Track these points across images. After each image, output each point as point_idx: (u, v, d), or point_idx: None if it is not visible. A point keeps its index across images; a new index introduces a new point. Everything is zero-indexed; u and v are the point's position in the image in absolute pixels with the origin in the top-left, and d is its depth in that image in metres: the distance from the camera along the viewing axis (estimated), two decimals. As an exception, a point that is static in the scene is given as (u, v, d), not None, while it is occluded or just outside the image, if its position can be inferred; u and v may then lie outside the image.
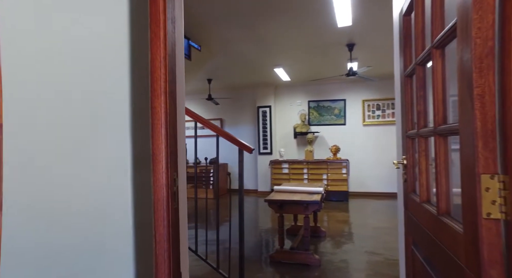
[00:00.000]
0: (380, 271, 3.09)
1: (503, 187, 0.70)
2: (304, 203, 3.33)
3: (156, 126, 0.85)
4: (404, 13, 1.42)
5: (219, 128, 2.16)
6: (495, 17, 0.72)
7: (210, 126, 2.14)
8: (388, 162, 7.09)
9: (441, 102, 0.98)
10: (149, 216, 0.85)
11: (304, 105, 7.93)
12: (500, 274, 0.71)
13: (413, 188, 1.39)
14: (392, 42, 4.48)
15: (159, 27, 0.85)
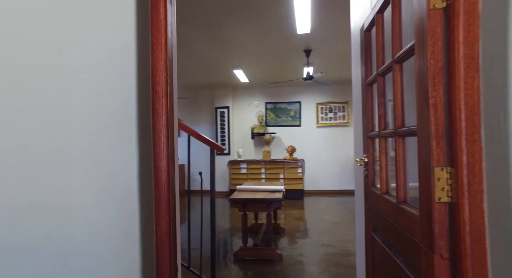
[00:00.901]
0: (337, 261, 3.36)
1: (450, 177, 0.89)
2: (267, 201, 3.48)
3: (157, 126, 0.90)
4: (365, 29, 1.62)
5: (190, 128, 2.19)
6: (443, 44, 0.90)
7: (182, 126, 2.16)
8: (340, 162, 7.62)
9: (400, 108, 1.17)
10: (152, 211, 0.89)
11: (261, 107, 8.13)
12: (445, 244, 0.90)
13: (373, 182, 1.59)
14: (345, 50, 4.86)
15: (160, 33, 0.90)
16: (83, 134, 0.88)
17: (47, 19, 0.88)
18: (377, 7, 1.41)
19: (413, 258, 1.07)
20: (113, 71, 0.88)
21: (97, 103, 0.89)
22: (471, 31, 0.82)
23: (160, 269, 0.88)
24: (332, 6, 3.41)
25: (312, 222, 5.08)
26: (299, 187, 7.12)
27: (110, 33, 0.88)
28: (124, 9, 0.88)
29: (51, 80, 0.88)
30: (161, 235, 0.90)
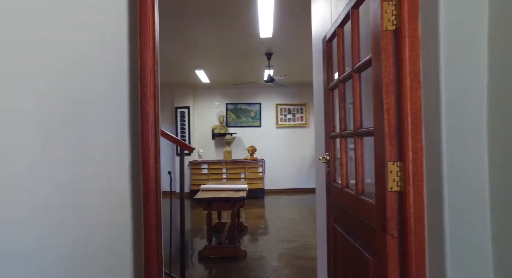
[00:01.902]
0: (298, 255, 3.56)
1: (399, 170, 1.08)
2: (232, 200, 3.57)
3: (145, 127, 0.95)
4: (327, 40, 1.80)
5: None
6: (393, 59, 1.09)
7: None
8: (298, 161, 7.96)
9: (359, 111, 1.35)
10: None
11: (222, 107, 8.18)
12: (395, 225, 1.08)
13: (334, 178, 1.78)
14: (304, 55, 5.13)
15: (148, 38, 0.95)
16: (82, 132, 0.92)
17: (48, 28, 0.90)
18: (338, 21, 1.59)
19: (369, 240, 1.25)
20: (108, 74, 0.92)
21: (95, 106, 0.93)
22: (413, 51, 1.01)
23: (149, 259, 0.94)
24: (294, 14, 3.61)
25: (273, 219, 5.27)
26: (259, 187, 7.30)
27: (105, 37, 0.92)
28: (117, 13, 0.93)
29: (58, 83, 0.91)
30: (150, 229, 0.95)
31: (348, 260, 1.53)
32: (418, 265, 1.02)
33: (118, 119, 0.93)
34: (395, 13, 1.06)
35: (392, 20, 1.07)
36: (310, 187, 7.76)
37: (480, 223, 0.93)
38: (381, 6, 1.09)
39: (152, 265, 0.95)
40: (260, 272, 3.15)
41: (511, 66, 0.83)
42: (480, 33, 0.92)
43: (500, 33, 0.87)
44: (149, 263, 0.95)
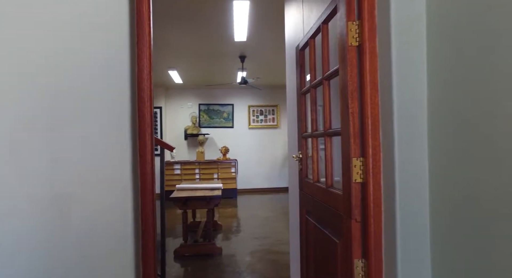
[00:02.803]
0: (271, 250, 3.74)
1: (362, 164, 1.27)
2: (207, 198, 3.67)
3: (143, 126, 1.05)
4: (300, 48, 1.99)
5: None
6: (357, 71, 1.28)
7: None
8: (270, 161, 8.18)
9: (328, 114, 1.54)
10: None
11: (195, 108, 8.20)
12: (359, 211, 1.28)
13: (306, 174, 1.96)
14: (277, 59, 5.35)
15: (145, 47, 1.06)
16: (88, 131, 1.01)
17: (58, 39, 0.99)
18: (310, 33, 1.78)
19: (337, 226, 1.43)
20: (112, 79, 1.02)
21: (101, 109, 1.03)
22: (372, 65, 1.21)
23: (145, 244, 1.05)
24: (268, 20, 3.79)
25: (246, 218, 5.42)
26: (232, 186, 7.41)
27: (109, 47, 1.02)
28: (119, 22, 1.03)
29: (67, 85, 1.01)
30: (147, 221, 1.06)
31: (318, 246, 1.71)
32: (376, 243, 1.22)
33: (121, 119, 1.03)
34: (358, 32, 1.26)
35: (356, 38, 1.27)
36: (282, 187, 8.02)
37: (421, 204, 1.14)
38: (346, 25, 1.28)
39: (148, 247, 1.06)
40: (235, 267, 3.28)
41: (443, 82, 1.05)
42: (421, 55, 1.14)
43: (434, 55, 1.09)
44: (146, 244, 1.06)
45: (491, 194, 0.88)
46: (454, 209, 1.02)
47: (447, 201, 1.06)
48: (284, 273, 3.05)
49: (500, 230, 0.85)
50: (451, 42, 1.02)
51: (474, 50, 0.93)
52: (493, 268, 0.87)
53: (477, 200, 0.92)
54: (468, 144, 0.96)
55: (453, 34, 1.01)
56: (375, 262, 1.22)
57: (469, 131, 0.95)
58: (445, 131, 1.06)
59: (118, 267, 1.02)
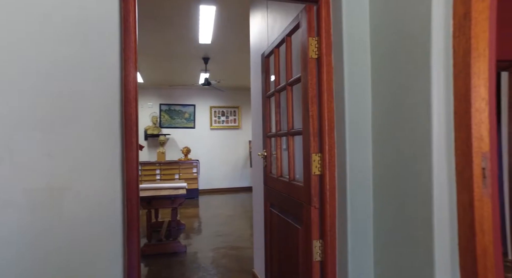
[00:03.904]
0: (235, 246, 3.89)
1: (320, 159, 1.49)
2: (172, 197, 3.71)
3: (129, 125, 1.15)
4: (266, 56, 2.18)
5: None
6: (316, 79, 1.50)
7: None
8: (231, 161, 8.32)
9: (291, 116, 1.75)
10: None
11: (155, 108, 8.06)
12: (317, 200, 1.49)
13: (270, 170, 2.15)
14: (240, 62, 5.53)
15: (132, 52, 1.16)
16: (82, 129, 1.10)
17: (56, 45, 1.07)
18: (275, 43, 1.98)
19: (299, 214, 1.64)
20: (104, 82, 1.11)
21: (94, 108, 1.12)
22: (329, 75, 1.43)
23: (130, 231, 1.15)
24: (233, 25, 3.95)
25: (209, 217, 5.50)
26: (194, 187, 7.43)
27: (102, 52, 1.11)
28: (111, 29, 1.13)
29: (62, 87, 1.08)
30: (132, 214, 1.16)
31: (282, 234, 1.91)
32: (331, 225, 1.44)
33: (111, 118, 1.12)
34: (317, 46, 1.48)
35: (315, 51, 1.49)
36: (244, 186, 8.22)
37: (366, 192, 1.39)
38: (307, 40, 1.49)
39: (133, 233, 1.16)
40: (200, 263, 3.37)
41: (383, 91, 1.30)
42: (366, 68, 1.38)
43: (376, 71, 1.34)
44: (131, 231, 1.16)
45: (406, 184, 1.13)
46: (388, 196, 1.27)
47: (383, 190, 1.31)
48: (247, 266, 3.22)
49: (415, 210, 1.10)
50: (384, 59, 1.28)
51: (396, 69, 1.19)
52: (413, 235, 1.13)
53: (400, 189, 1.18)
54: (393, 146, 1.22)
55: (386, 53, 1.27)
56: (330, 241, 1.44)
57: (393, 135, 1.21)
58: (380, 132, 1.32)
59: (107, 258, 1.11)
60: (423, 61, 1.09)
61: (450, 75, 1.05)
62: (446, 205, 1.05)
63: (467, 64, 0.98)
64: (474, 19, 0.94)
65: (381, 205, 1.33)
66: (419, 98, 1.11)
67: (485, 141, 0.98)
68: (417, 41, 1.12)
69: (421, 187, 1.10)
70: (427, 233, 1.07)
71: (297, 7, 1.71)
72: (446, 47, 1.05)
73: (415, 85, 1.13)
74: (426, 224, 1.07)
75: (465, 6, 0.96)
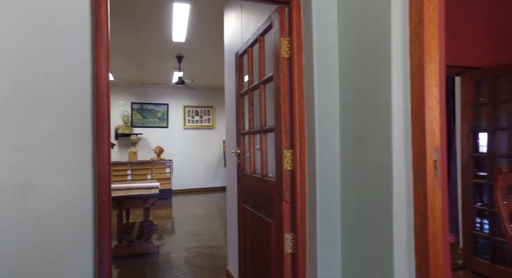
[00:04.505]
0: (208, 245, 3.89)
1: (291, 155, 1.55)
2: (144, 197, 3.64)
3: (100, 120, 1.14)
4: (240, 55, 2.22)
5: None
6: (288, 78, 1.56)
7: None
8: (205, 161, 8.27)
9: (264, 114, 1.80)
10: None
11: (126, 107, 7.84)
12: (289, 194, 1.55)
13: (243, 167, 2.19)
14: (214, 61, 5.52)
15: (104, 47, 1.15)
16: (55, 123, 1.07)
17: (23, 38, 1.03)
18: (249, 42, 2.02)
19: (271, 209, 1.69)
20: (75, 77, 1.09)
21: (64, 103, 1.09)
22: (299, 74, 1.50)
23: (101, 230, 1.14)
24: (207, 24, 3.95)
25: (182, 217, 5.45)
26: (167, 187, 7.31)
27: (72, 46, 1.09)
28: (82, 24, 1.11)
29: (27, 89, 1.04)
30: (103, 203, 1.14)
31: (255, 229, 1.96)
32: (302, 219, 1.51)
33: (82, 112, 1.10)
34: (289, 47, 1.54)
35: (287, 51, 1.55)
36: (217, 186, 8.19)
37: (334, 186, 1.46)
38: (280, 40, 1.55)
39: (104, 232, 1.15)
40: (173, 263, 3.34)
41: (349, 90, 1.39)
42: (334, 69, 1.46)
43: (343, 70, 1.42)
44: (102, 230, 1.15)
45: (370, 178, 1.22)
46: (354, 189, 1.36)
47: (350, 183, 1.39)
48: (221, 264, 3.24)
49: (377, 201, 1.19)
50: (350, 60, 1.36)
51: (361, 70, 1.28)
52: (376, 224, 1.22)
53: (365, 182, 1.27)
54: (358, 142, 1.30)
55: (352, 54, 1.35)
56: (301, 234, 1.50)
57: (358, 132, 1.30)
58: (347, 129, 1.40)
59: (76, 259, 1.10)
60: (384, 62, 1.18)
61: (407, 76, 1.15)
62: (404, 195, 1.15)
63: (421, 66, 1.08)
64: (427, 26, 1.04)
65: (348, 198, 1.42)
66: (381, 97, 1.20)
67: (437, 136, 1.09)
68: (379, 44, 1.21)
69: (383, 179, 1.19)
70: (387, 222, 1.16)
71: (270, 7, 1.77)
72: (404, 50, 1.15)
73: (378, 85, 1.22)
74: (387, 214, 1.16)
75: (419, 14, 1.06)
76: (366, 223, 1.28)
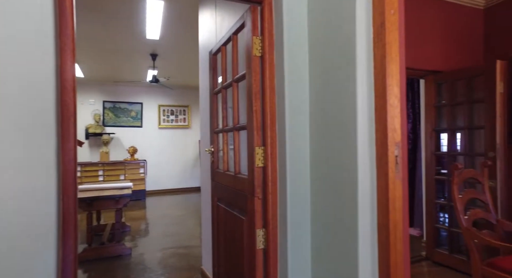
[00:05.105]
0: (184, 245, 3.84)
1: (263, 152, 1.58)
2: (116, 197, 3.54)
3: (66, 114, 1.10)
4: (213, 53, 2.22)
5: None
6: (260, 76, 1.59)
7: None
8: (181, 161, 8.15)
9: (237, 112, 1.82)
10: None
11: (98, 105, 7.57)
12: (261, 190, 1.58)
13: (217, 165, 2.20)
14: (189, 59, 5.46)
15: (69, 39, 1.11)
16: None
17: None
18: (222, 41, 2.03)
19: (244, 205, 1.71)
20: (36, 69, 1.04)
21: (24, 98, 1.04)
22: (271, 72, 1.53)
23: (66, 231, 1.10)
24: (182, 22, 3.90)
25: (157, 218, 5.34)
26: (141, 188, 7.13)
27: (34, 35, 1.04)
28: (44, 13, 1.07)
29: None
30: (68, 201, 1.11)
31: (228, 227, 1.97)
32: (273, 214, 1.54)
33: (45, 106, 1.06)
34: (261, 45, 1.57)
35: (259, 50, 1.57)
36: (194, 186, 8.09)
37: (304, 182, 1.51)
38: (252, 38, 1.57)
39: (69, 233, 1.12)
40: (146, 264, 3.27)
41: (318, 89, 1.44)
42: (305, 67, 1.51)
43: (313, 69, 1.47)
44: (67, 231, 1.11)
45: (337, 173, 1.28)
46: (323, 184, 1.41)
47: (319, 179, 1.44)
48: (196, 263, 3.21)
49: (344, 196, 1.25)
50: (320, 59, 1.42)
51: (329, 69, 1.33)
52: (343, 217, 1.27)
53: (333, 178, 1.32)
54: (326, 138, 1.36)
55: (321, 54, 1.41)
56: (272, 229, 1.53)
57: (327, 129, 1.35)
58: (316, 126, 1.45)
59: (37, 264, 1.06)
60: (350, 63, 1.24)
61: (371, 76, 1.21)
62: (368, 188, 1.21)
63: (383, 66, 1.14)
64: (388, 28, 1.10)
65: (317, 194, 1.46)
66: (347, 95, 1.26)
67: (398, 132, 1.15)
68: (346, 45, 1.26)
69: (349, 174, 1.24)
70: (353, 214, 1.21)
71: (244, 6, 1.79)
72: (368, 51, 1.21)
73: (344, 83, 1.27)
74: (353, 207, 1.22)
75: (381, 17, 1.12)
76: (334, 217, 1.33)
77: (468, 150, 2.84)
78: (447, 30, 2.97)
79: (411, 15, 2.80)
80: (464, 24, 3.05)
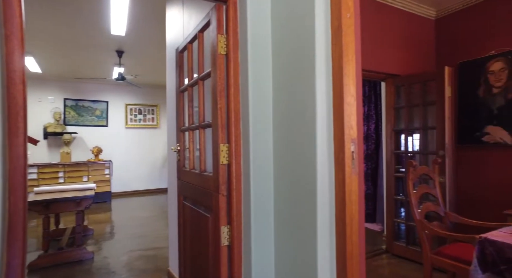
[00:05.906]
0: (150, 246, 3.74)
1: (227, 149, 1.59)
2: (77, 199, 3.37)
3: (13, 108, 1.04)
4: (180, 51, 2.19)
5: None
6: (225, 74, 1.60)
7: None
8: (149, 162, 7.92)
9: (202, 109, 1.81)
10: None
11: (58, 103, 7.15)
12: (225, 188, 1.59)
13: (183, 164, 2.17)
14: (157, 57, 5.33)
15: (16, 28, 1.05)
16: None
17: None
18: (188, 39, 2.01)
19: (209, 203, 1.71)
20: None
21: None
22: (235, 70, 1.54)
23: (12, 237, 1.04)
24: (148, 18, 3.80)
25: (123, 220, 5.15)
26: (106, 189, 6.84)
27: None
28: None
29: None
30: (17, 200, 1.05)
31: (194, 226, 1.95)
32: (237, 211, 1.55)
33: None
34: (226, 44, 1.57)
35: (224, 48, 1.58)
36: (162, 187, 7.89)
37: (268, 179, 1.54)
38: (217, 37, 1.57)
39: (16, 231, 1.05)
40: (110, 268, 3.15)
41: (281, 87, 1.47)
42: (268, 65, 1.54)
43: (276, 68, 1.51)
44: (13, 237, 1.05)
45: (298, 169, 1.32)
46: (285, 180, 1.44)
47: (282, 175, 1.48)
48: (163, 265, 3.14)
49: (303, 191, 1.29)
50: (282, 58, 1.45)
51: (291, 68, 1.37)
52: (302, 212, 1.31)
53: (294, 174, 1.36)
54: (288, 135, 1.40)
55: (283, 53, 1.44)
56: (237, 226, 1.55)
57: (288, 126, 1.39)
58: (279, 124, 1.48)
59: None
60: (310, 63, 1.28)
61: (330, 75, 1.26)
62: (327, 183, 1.26)
63: (340, 66, 1.19)
64: (344, 31, 1.16)
65: (280, 190, 1.50)
66: (308, 93, 1.30)
67: (354, 129, 1.21)
68: (306, 46, 1.30)
69: (309, 170, 1.28)
70: (312, 208, 1.26)
71: (210, 4, 1.79)
72: (327, 52, 1.26)
73: (304, 82, 1.32)
74: (312, 202, 1.26)
75: (338, 20, 1.18)
76: (295, 212, 1.37)
77: (423, 149, 3.04)
78: (405, 37, 3.16)
79: (372, 20, 2.94)
80: (419, 32, 3.26)
